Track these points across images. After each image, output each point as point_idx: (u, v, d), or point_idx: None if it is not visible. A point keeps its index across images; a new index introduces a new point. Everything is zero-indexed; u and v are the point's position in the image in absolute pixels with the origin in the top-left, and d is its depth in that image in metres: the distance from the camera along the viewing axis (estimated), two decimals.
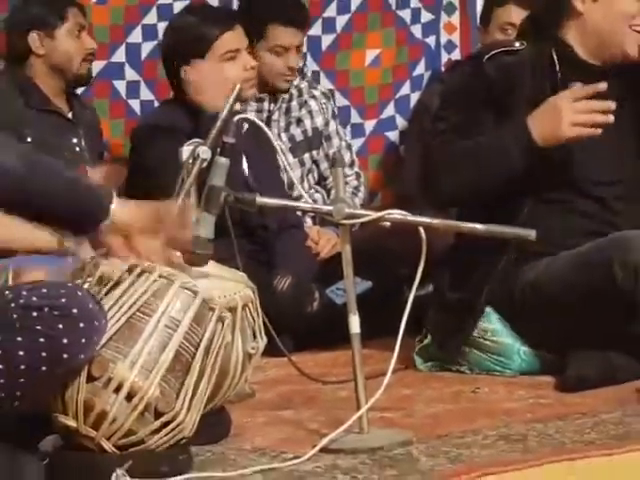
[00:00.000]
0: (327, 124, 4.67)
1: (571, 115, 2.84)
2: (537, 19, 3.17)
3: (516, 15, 4.33)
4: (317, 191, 4.60)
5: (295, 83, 4.54)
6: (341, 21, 4.75)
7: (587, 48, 3.02)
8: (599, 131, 2.87)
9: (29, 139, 4.04)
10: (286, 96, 4.56)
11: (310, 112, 4.59)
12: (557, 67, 3.00)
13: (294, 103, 4.56)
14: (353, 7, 4.76)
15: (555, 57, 3.00)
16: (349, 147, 4.79)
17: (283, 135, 4.47)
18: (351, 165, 4.71)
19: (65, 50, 4.24)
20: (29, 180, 2.10)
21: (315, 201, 4.30)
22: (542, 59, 3.02)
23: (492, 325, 3.06)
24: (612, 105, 2.85)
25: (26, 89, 4.37)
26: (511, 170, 2.91)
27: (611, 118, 2.87)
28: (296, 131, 4.49)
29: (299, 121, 4.53)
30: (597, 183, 3.04)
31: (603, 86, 2.85)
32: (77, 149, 4.29)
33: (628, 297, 2.74)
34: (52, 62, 4.25)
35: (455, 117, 3.07)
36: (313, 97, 4.63)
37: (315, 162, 4.63)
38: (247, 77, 3.70)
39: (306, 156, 4.56)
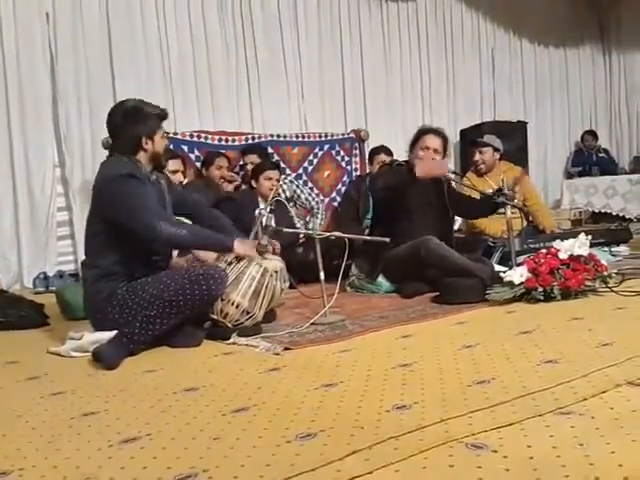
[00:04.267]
0: (295, 191, 4.03)
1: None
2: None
3: (384, 158, 4.09)
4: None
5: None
6: (314, 162, 4.64)
7: None
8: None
9: None
10: None
11: (283, 190, 3.88)
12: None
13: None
14: (319, 155, 4.66)
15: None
16: (311, 189, 4.29)
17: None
18: (315, 196, 4.16)
19: None
20: (193, 240, 2.01)
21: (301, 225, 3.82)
22: (408, 166, 2.82)
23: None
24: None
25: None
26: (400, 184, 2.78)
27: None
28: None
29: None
30: (421, 222, 2.84)
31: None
32: None
33: (424, 261, 2.65)
34: None
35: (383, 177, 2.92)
36: (285, 183, 3.94)
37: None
38: (272, 187, 3.47)
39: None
